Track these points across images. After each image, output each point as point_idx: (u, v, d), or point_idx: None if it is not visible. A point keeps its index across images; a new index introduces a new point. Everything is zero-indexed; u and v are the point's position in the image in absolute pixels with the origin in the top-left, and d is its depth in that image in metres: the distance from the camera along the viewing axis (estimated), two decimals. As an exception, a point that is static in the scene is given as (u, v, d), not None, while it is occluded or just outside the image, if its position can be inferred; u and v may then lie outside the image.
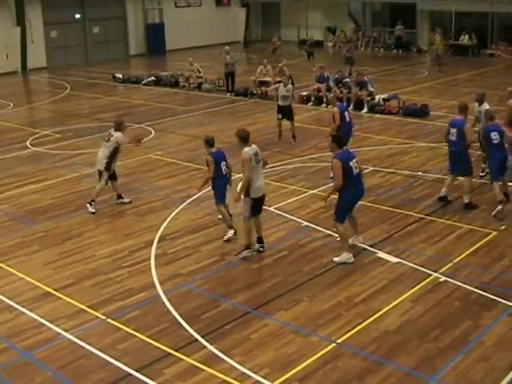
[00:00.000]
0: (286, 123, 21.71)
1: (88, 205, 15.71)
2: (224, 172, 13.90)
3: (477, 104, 17.30)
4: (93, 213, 15.60)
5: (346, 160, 12.45)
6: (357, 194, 12.94)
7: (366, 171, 17.95)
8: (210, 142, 13.98)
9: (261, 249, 13.30)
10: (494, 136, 14.87)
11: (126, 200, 16.24)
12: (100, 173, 15.83)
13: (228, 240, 13.92)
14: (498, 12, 41.81)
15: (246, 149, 12.88)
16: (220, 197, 14.07)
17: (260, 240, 13.36)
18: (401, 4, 45.92)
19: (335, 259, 12.80)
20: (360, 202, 15.28)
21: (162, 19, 46.28)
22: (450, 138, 15.22)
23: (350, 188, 12.60)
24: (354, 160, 12.64)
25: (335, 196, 12.89)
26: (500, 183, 15.15)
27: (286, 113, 21.45)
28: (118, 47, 45.18)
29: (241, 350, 9.85)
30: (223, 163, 13.89)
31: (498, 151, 14.96)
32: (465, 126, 15.06)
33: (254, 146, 13.06)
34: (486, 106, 16.98)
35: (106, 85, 34.66)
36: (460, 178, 15.68)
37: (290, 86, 21.86)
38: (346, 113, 18.17)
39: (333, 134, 13.64)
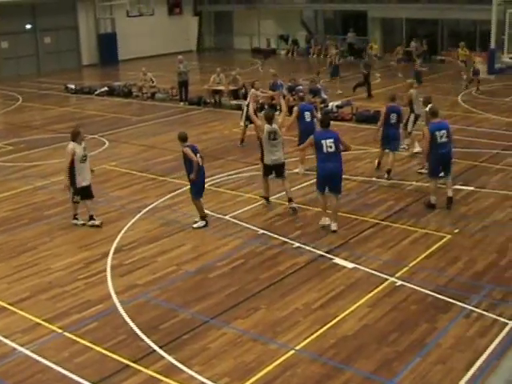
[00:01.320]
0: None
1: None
2: (201, 164, 14.76)
3: (423, 106, 18.34)
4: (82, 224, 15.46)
5: (318, 137, 14.44)
6: (324, 170, 14.37)
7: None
8: (182, 138, 14.87)
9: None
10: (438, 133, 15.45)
11: (97, 222, 15.37)
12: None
13: (197, 227, 14.87)
14: (448, 19, 42.42)
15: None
16: (196, 191, 14.92)
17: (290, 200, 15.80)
18: (352, 12, 46.35)
19: (320, 223, 14.72)
20: (315, 209, 15.43)
21: (115, 29, 46.06)
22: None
23: (320, 163, 14.42)
24: (330, 140, 14.24)
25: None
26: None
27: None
28: (70, 57, 44.82)
29: (200, 359, 9.82)
30: (198, 155, 14.71)
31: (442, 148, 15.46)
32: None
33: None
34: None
35: (58, 95, 34.35)
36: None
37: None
38: (306, 113, 18.62)
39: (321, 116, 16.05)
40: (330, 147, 14.26)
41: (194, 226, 15.06)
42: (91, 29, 45.58)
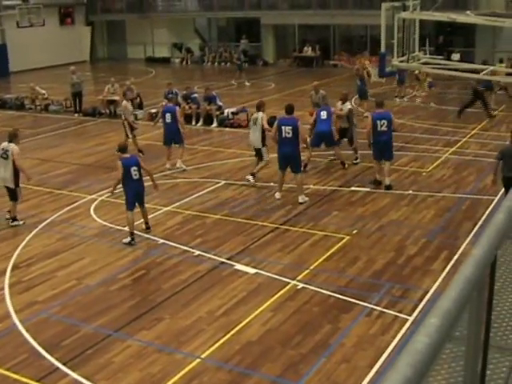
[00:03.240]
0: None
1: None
2: (134, 177, 14.43)
3: (340, 102, 19.87)
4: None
5: (279, 123, 16.60)
6: (281, 153, 16.53)
7: (218, 185, 18.15)
8: (121, 148, 15.12)
9: None
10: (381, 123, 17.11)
11: (21, 222, 15.93)
12: (13, 190, 15.79)
13: (128, 243, 14.45)
14: (339, 24, 43.24)
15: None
16: (128, 202, 14.59)
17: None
18: (245, 19, 46.68)
19: (300, 200, 16.40)
20: (215, 216, 15.48)
21: (5, 40, 44.93)
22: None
23: (280, 146, 16.52)
24: (289, 127, 16.19)
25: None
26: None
27: None
28: (-42, 70, 43.55)
29: (105, 374, 9.67)
30: (133, 168, 14.40)
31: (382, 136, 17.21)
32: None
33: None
34: (348, 105, 19.80)
35: None
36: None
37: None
38: (167, 114, 19.81)
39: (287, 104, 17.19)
40: (288, 133, 16.13)
41: (123, 241, 14.63)
42: (-20, 40, 44.42)
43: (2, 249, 14.61)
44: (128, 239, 14.54)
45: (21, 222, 15.91)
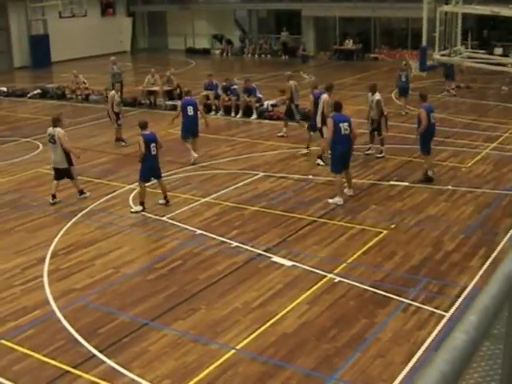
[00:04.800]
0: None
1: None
2: (153, 152, 15.74)
3: (370, 93, 19.58)
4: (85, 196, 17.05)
5: (336, 120, 15.82)
6: (339, 150, 15.77)
7: (256, 177, 18.16)
8: (141, 125, 16.09)
9: None
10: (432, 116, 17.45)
11: (88, 194, 17.17)
12: (67, 170, 16.75)
13: (135, 211, 15.71)
14: (380, 17, 42.98)
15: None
16: (144, 173, 15.89)
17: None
18: (286, 11, 46.58)
19: (329, 200, 15.90)
20: (252, 208, 15.50)
21: (47, 30, 45.34)
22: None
23: (337, 145, 15.72)
24: (346, 124, 15.76)
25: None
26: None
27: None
28: (1, 59, 43.97)
29: (140, 362, 9.75)
30: (153, 144, 15.73)
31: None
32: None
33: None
34: (377, 95, 19.39)
35: (-11, 99, 33.72)
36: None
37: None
38: (189, 107, 20.01)
39: (333, 102, 16.80)
40: (346, 130, 15.77)
41: (132, 210, 15.72)
42: (23, 30, 44.78)
43: (42, 236, 14.78)
44: (139, 208, 15.78)
45: (87, 194, 17.13)
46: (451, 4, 29.55)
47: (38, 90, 33.31)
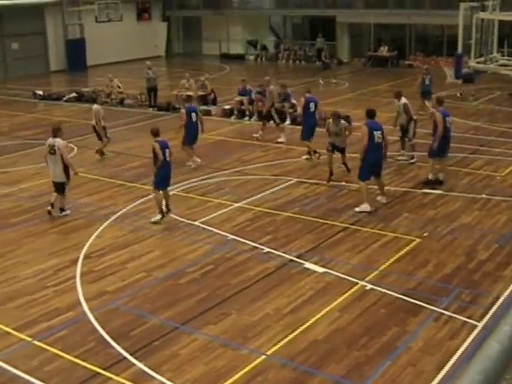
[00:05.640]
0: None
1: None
2: (167, 159, 15.51)
3: (396, 100, 19.68)
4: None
5: (370, 127, 15.72)
6: (372, 158, 15.72)
7: (289, 183, 18.15)
8: (154, 133, 15.80)
9: None
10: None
11: (68, 212, 16.36)
12: (61, 184, 16.10)
13: (154, 222, 15.48)
14: (415, 24, 42.76)
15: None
16: (158, 181, 15.60)
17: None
18: (321, 17, 46.52)
19: (356, 209, 15.79)
20: (284, 214, 15.49)
21: (83, 34, 45.71)
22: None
23: (370, 153, 15.62)
24: (379, 132, 15.69)
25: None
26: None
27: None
28: (37, 63, 44.35)
29: (170, 366, 9.78)
30: (167, 151, 15.51)
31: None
32: None
33: None
34: (403, 99, 19.42)
35: (26, 102, 33.97)
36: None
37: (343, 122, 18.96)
38: (193, 113, 20.13)
39: (367, 109, 16.43)
40: (379, 138, 15.70)
41: (152, 220, 15.57)
42: (59, 34, 45.19)
43: (75, 238, 14.90)
44: (158, 216, 15.56)
45: (68, 212, 16.32)
46: (487, 11, 29.36)
47: (74, 94, 33.59)
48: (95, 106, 22.05)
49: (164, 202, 15.78)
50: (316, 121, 20.93)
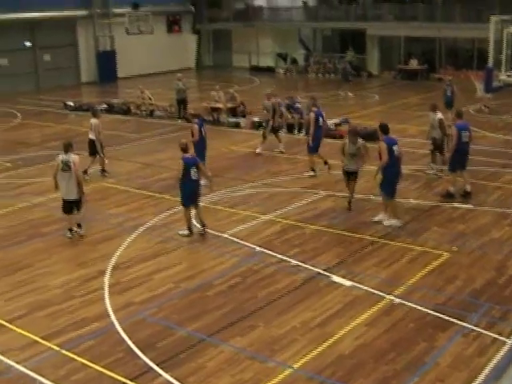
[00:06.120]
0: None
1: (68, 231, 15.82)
2: (193, 177, 15.19)
3: (431, 112, 19.61)
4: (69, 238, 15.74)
5: (389, 143, 15.49)
6: (393, 173, 15.59)
7: (318, 196, 18.12)
8: (182, 148, 15.48)
9: None
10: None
11: (82, 232, 15.81)
12: (78, 201, 15.55)
13: (182, 234, 15.53)
14: (445, 37, 42.59)
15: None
16: (185, 199, 15.40)
17: None
18: (350, 30, 46.49)
19: (385, 223, 15.80)
20: (312, 227, 15.45)
21: (114, 46, 46.11)
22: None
23: (390, 168, 15.43)
24: (397, 146, 15.58)
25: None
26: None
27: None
28: (69, 74, 44.84)
29: (197, 377, 9.78)
30: (193, 169, 15.17)
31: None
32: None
33: None
34: (439, 114, 19.47)
35: (57, 113, 34.32)
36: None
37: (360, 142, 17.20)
38: (202, 128, 20.10)
39: (380, 124, 16.12)
40: (397, 151, 15.58)
41: (179, 232, 15.62)
42: (90, 46, 45.63)
43: (104, 249, 14.97)
44: (186, 232, 15.55)
45: (83, 231, 15.78)
46: (519, 25, 29.15)
47: (104, 105, 33.81)
48: (94, 120, 21.21)
49: (197, 219, 15.75)
50: (322, 133, 20.95)
